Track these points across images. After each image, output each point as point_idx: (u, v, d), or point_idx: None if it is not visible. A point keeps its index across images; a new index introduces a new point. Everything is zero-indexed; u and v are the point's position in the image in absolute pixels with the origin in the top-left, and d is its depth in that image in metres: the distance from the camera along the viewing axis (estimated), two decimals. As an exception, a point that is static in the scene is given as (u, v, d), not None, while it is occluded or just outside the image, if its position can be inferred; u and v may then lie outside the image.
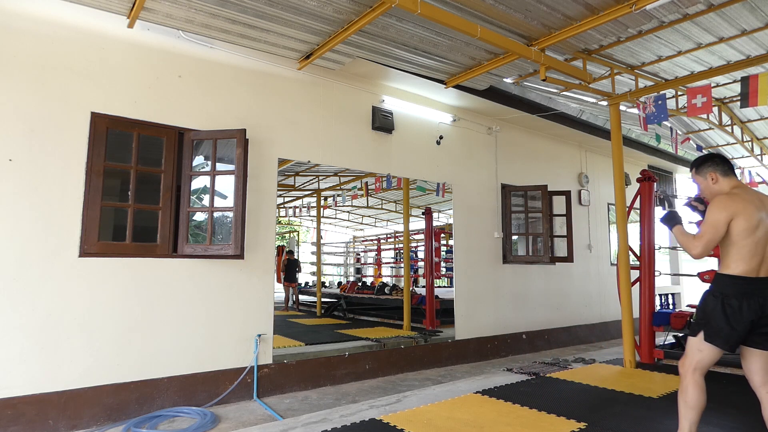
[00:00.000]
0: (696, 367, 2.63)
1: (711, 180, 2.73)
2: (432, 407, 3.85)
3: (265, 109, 4.89)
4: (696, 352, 2.63)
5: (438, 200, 8.10)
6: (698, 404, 2.60)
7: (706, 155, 2.82)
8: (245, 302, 4.56)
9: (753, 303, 2.49)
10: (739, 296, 2.52)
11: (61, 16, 3.87)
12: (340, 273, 16.56)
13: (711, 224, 2.55)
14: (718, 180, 2.71)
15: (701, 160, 2.79)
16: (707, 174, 2.74)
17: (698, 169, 2.79)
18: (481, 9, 4.07)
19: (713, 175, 2.72)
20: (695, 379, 2.63)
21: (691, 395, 2.61)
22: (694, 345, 2.65)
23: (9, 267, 3.50)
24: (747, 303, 2.50)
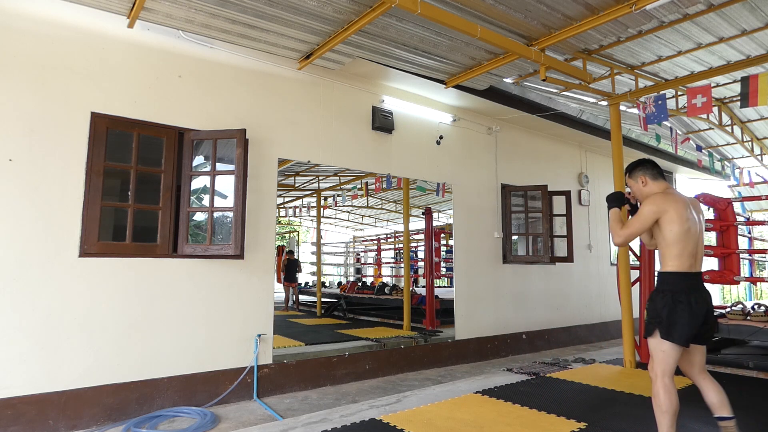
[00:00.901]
0: (665, 371, 2.66)
1: (641, 183, 2.89)
2: (432, 407, 3.85)
3: (265, 109, 4.89)
4: (660, 354, 2.67)
5: (438, 200, 8.10)
6: (671, 408, 2.62)
7: (638, 160, 2.97)
8: (245, 302, 4.56)
9: (700, 296, 2.63)
10: (686, 291, 2.63)
11: (61, 16, 3.87)
12: (340, 273, 16.56)
13: (639, 218, 2.72)
14: (647, 183, 2.86)
15: (634, 165, 2.95)
16: (638, 177, 2.90)
17: (631, 174, 2.95)
18: (481, 9, 4.07)
19: (643, 178, 2.88)
20: (665, 383, 2.66)
21: (663, 400, 2.64)
22: (655, 347, 2.70)
23: (9, 267, 3.50)
24: (694, 297, 2.61)
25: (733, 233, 5.75)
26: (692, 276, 2.68)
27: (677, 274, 2.68)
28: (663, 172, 2.91)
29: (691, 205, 2.76)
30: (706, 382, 2.74)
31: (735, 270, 5.70)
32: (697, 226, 2.73)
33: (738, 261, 5.74)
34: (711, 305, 2.70)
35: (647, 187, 2.86)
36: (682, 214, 2.66)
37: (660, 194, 2.75)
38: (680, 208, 2.67)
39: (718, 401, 2.68)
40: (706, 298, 2.67)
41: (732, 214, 5.79)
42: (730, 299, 13.86)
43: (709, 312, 2.66)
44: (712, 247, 5.87)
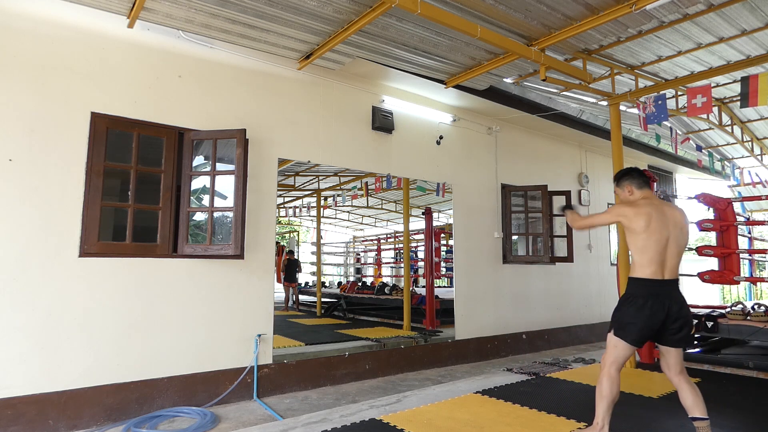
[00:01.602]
0: (613, 362, 2.89)
1: (628, 192, 3.05)
2: (432, 407, 3.85)
3: (265, 109, 4.89)
4: (612, 348, 2.90)
5: (438, 200, 8.10)
6: (610, 395, 2.86)
7: (625, 170, 3.12)
8: (245, 302, 4.56)
9: (658, 303, 2.76)
10: (645, 296, 2.79)
11: (61, 16, 3.87)
12: (340, 273, 16.55)
13: (604, 214, 2.97)
14: (633, 192, 3.03)
15: (621, 174, 3.11)
16: (625, 186, 3.07)
17: (619, 182, 3.12)
18: (481, 9, 4.07)
19: (629, 187, 3.04)
20: (610, 372, 2.89)
21: (605, 386, 2.88)
22: (610, 341, 2.94)
23: (9, 267, 3.50)
24: (652, 302, 2.77)
25: (733, 233, 5.74)
26: (656, 283, 2.81)
27: (641, 280, 2.84)
28: (648, 181, 3.05)
29: (668, 215, 2.87)
30: (682, 384, 2.86)
31: (735, 270, 5.69)
32: (669, 236, 2.84)
33: (738, 261, 5.74)
34: (679, 311, 2.80)
35: (633, 196, 3.02)
36: (650, 224, 2.80)
37: (632, 203, 2.92)
38: (644, 217, 2.81)
39: (691, 403, 2.81)
40: (670, 304, 2.77)
41: (732, 214, 5.79)
42: (730, 299, 13.86)
43: (669, 319, 2.77)
44: (712, 247, 5.87)
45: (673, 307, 2.78)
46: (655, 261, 2.81)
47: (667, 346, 2.87)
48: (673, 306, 2.78)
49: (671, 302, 2.79)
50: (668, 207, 2.95)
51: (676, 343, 2.84)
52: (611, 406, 2.88)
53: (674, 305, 2.79)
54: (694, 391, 2.83)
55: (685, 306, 2.85)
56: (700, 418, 2.78)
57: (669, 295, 2.81)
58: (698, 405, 2.79)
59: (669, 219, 2.87)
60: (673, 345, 2.85)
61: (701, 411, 2.78)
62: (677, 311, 2.79)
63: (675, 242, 2.86)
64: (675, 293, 2.83)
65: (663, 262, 2.83)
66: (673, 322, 2.79)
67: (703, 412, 2.78)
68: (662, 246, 2.82)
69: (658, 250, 2.81)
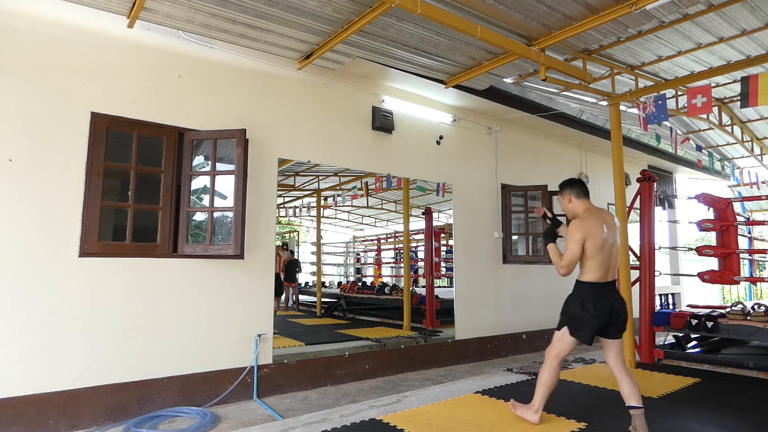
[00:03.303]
0: (557, 356, 3.25)
1: (567, 200, 3.36)
2: (432, 407, 3.85)
3: (265, 109, 4.89)
4: (559, 342, 3.25)
5: (438, 200, 8.09)
6: (550, 383, 3.25)
7: (568, 180, 3.40)
8: (245, 302, 4.56)
9: (604, 303, 3.10)
10: (593, 299, 3.11)
11: (61, 16, 3.87)
12: (340, 273, 16.55)
13: (570, 246, 3.15)
14: (571, 200, 3.33)
15: (564, 183, 3.41)
16: (565, 195, 3.37)
17: (561, 191, 3.41)
18: (481, 9, 4.07)
19: (569, 196, 3.35)
20: (554, 364, 3.25)
21: (546, 376, 3.26)
22: (558, 336, 3.27)
23: (9, 267, 3.50)
24: (599, 303, 3.09)
25: (733, 233, 5.75)
26: (602, 285, 3.14)
27: (588, 284, 3.16)
28: (588, 192, 3.36)
29: (605, 221, 3.18)
30: (620, 375, 3.15)
31: (735, 270, 5.70)
32: (610, 241, 3.15)
33: (738, 261, 5.75)
34: (620, 308, 3.14)
35: (571, 204, 3.34)
36: (599, 234, 3.10)
37: (579, 221, 3.19)
38: (599, 231, 3.11)
39: (627, 392, 3.09)
40: (613, 303, 3.12)
41: (732, 214, 5.79)
42: (730, 299, 13.86)
43: (614, 314, 3.11)
44: (712, 247, 5.87)
45: (615, 304, 3.13)
46: (603, 266, 3.13)
47: (609, 338, 3.20)
48: (615, 303, 3.13)
49: (614, 300, 3.14)
50: (606, 214, 3.25)
51: (615, 335, 3.18)
52: (549, 393, 3.28)
53: (616, 302, 3.14)
54: (631, 382, 3.11)
55: (623, 301, 3.19)
56: (635, 407, 3.05)
57: (613, 295, 3.16)
58: (634, 394, 3.07)
59: (610, 226, 3.18)
60: (613, 337, 3.19)
61: (636, 400, 3.06)
62: (619, 307, 3.14)
63: (615, 247, 3.20)
64: (615, 292, 3.20)
65: (608, 266, 3.15)
66: (616, 317, 3.13)
67: (638, 402, 3.05)
68: (608, 251, 3.14)
69: (606, 256, 3.13)
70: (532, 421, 3.33)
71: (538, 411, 3.30)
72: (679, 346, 5.98)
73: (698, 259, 6.57)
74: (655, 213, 6.00)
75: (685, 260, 10.96)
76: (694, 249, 6.27)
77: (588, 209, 3.27)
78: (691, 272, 6.33)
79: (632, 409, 3.05)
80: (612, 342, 3.20)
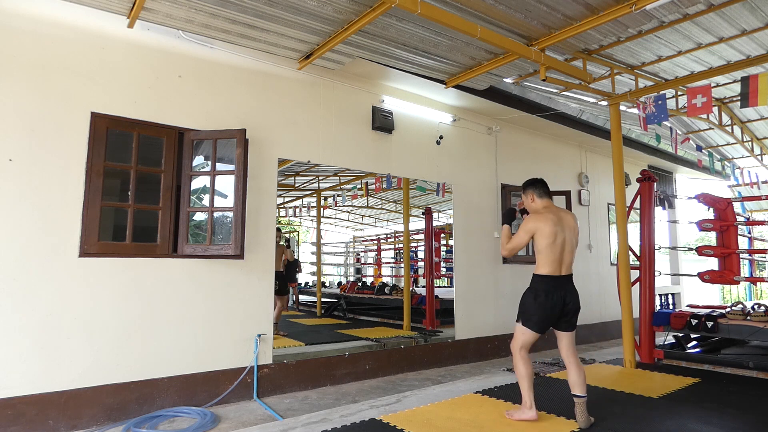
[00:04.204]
0: (521, 346, 3.42)
1: (530, 199, 3.54)
2: (432, 407, 3.85)
3: (265, 109, 4.89)
4: (521, 335, 3.42)
5: (438, 200, 8.08)
6: (526, 373, 3.39)
7: (531, 180, 3.58)
8: (245, 302, 4.56)
9: (556, 296, 3.29)
10: (545, 291, 3.31)
11: (61, 16, 3.87)
12: (340, 273, 16.54)
13: (519, 234, 3.39)
14: (534, 200, 3.51)
15: (526, 183, 3.58)
16: (528, 194, 3.55)
17: (524, 190, 3.59)
18: (481, 9, 4.07)
19: (532, 195, 3.53)
20: (522, 355, 3.42)
21: (521, 368, 3.41)
22: (518, 329, 3.44)
23: (9, 267, 3.50)
24: (552, 296, 3.29)
25: (733, 233, 5.74)
26: (555, 279, 3.32)
27: (542, 277, 3.34)
28: (549, 192, 3.55)
29: (564, 219, 3.38)
30: (570, 364, 3.39)
31: (735, 270, 5.70)
32: (565, 238, 3.34)
33: (738, 261, 5.74)
34: (572, 302, 3.34)
35: (534, 203, 3.51)
36: (551, 230, 3.29)
37: (533, 215, 3.43)
38: (550, 225, 3.30)
39: (573, 380, 3.32)
40: (565, 296, 3.31)
41: (732, 214, 5.79)
42: (730, 299, 13.86)
43: (566, 307, 3.32)
44: (712, 247, 5.87)
45: (567, 297, 3.31)
46: (556, 260, 3.32)
47: (561, 331, 3.42)
48: (567, 297, 3.31)
49: (566, 294, 3.32)
50: (564, 213, 3.45)
51: (567, 328, 3.40)
52: (531, 381, 3.40)
53: (569, 296, 3.32)
54: (579, 372, 3.33)
55: (577, 296, 3.38)
56: (578, 396, 3.30)
57: (564, 288, 3.32)
58: (580, 384, 3.29)
59: (565, 224, 3.37)
60: (566, 330, 3.41)
61: (581, 390, 3.30)
62: (571, 301, 3.33)
63: (569, 243, 3.37)
64: (569, 286, 3.36)
65: (561, 261, 3.34)
66: (568, 310, 3.33)
67: (582, 391, 3.29)
68: (561, 247, 3.32)
69: (557, 250, 3.31)
70: (531, 417, 3.40)
71: (532, 406, 3.41)
72: (679, 346, 5.98)
73: (698, 259, 6.57)
74: (655, 213, 6.00)
75: (685, 260, 10.96)
76: (694, 249, 6.27)
77: (546, 206, 3.47)
78: (691, 272, 6.33)
79: (576, 398, 3.30)
80: (564, 334, 3.43)
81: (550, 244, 3.29)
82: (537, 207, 3.50)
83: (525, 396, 3.41)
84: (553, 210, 3.43)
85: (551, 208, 3.46)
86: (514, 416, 3.49)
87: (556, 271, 3.33)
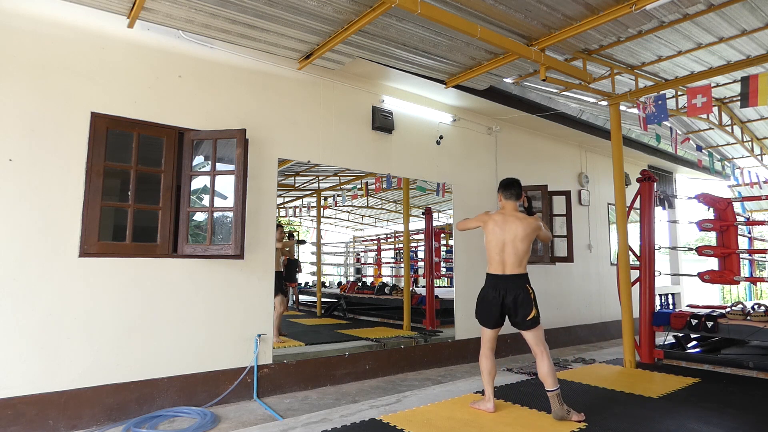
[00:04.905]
0: (482, 343, 3.71)
1: (498, 199, 3.83)
2: (432, 407, 3.85)
3: (265, 109, 4.89)
4: (481, 331, 3.72)
5: (438, 200, 8.08)
6: (485, 368, 3.67)
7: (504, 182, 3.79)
8: (245, 302, 4.56)
9: (494, 293, 3.56)
10: (487, 288, 3.63)
11: (61, 16, 3.87)
12: (340, 273, 16.54)
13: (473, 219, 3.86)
14: (501, 200, 3.80)
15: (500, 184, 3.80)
16: (499, 194, 3.83)
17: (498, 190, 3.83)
18: (481, 9, 4.07)
19: (500, 196, 3.81)
20: (483, 351, 3.70)
21: (480, 362, 3.71)
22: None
23: (9, 267, 3.50)
24: (490, 292, 3.59)
25: (733, 233, 5.74)
26: (496, 277, 3.59)
27: (487, 275, 3.67)
28: (517, 194, 3.76)
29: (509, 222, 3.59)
30: (538, 359, 3.52)
31: (735, 270, 5.70)
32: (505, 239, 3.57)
33: (738, 261, 5.74)
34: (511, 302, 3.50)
35: (501, 203, 3.80)
36: (491, 228, 3.63)
37: (486, 213, 3.78)
38: (491, 225, 3.63)
39: (542, 374, 3.46)
40: (505, 295, 3.52)
41: (732, 214, 5.79)
42: (730, 299, 13.86)
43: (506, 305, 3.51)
44: (712, 247, 5.87)
45: (506, 297, 3.51)
46: (498, 261, 3.58)
47: (516, 329, 3.58)
48: (506, 296, 3.51)
49: (506, 293, 3.52)
50: (513, 218, 3.63)
51: (518, 326, 3.54)
52: (491, 377, 3.66)
53: (508, 295, 3.51)
54: (547, 366, 3.44)
55: (519, 295, 3.50)
56: (548, 390, 3.43)
57: (504, 287, 3.53)
58: (548, 377, 3.42)
59: (508, 227, 3.58)
60: (518, 327, 3.56)
61: (551, 384, 3.42)
62: (510, 301, 3.51)
63: (511, 245, 3.56)
64: (511, 285, 3.53)
65: (502, 261, 3.57)
66: (508, 309, 3.52)
67: (551, 385, 3.42)
68: (499, 247, 3.58)
69: (496, 250, 3.59)
70: (487, 409, 3.64)
71: (490, 398, 3.66)
72: (679, 346, 5.98)
73: (698, 259, 6.57)
74: (655, 213, 6.00)
75: (685, 260, 10.96)
76: (694, 249, 6.27)
77: (502, 209, 3.75)
78: (691, 272, 6.32)
79: (547, 391, 3.44)
80: (522, 333, 3.57)
81: (489, 242, 3.64)
82: (501, 206, 3.78)
83: (488, 391, 3.67)
84: (506, 212, 3.69)
85: (505, 211, 3.71)
86: (474, 405, 3.76)
87: (498, 270, 3.59)
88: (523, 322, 3.49)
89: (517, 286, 3.53)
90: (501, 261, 3.58)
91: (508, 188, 3.74)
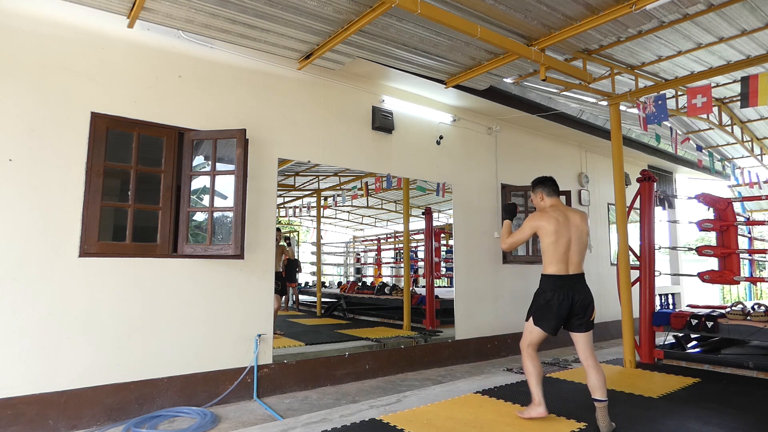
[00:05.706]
0: (530, 345, 3.46)
1: (539, 198, 3.54)
2: (432, 407, 3.85)
3: (265, 109, 4.89)
4: (528, 333, 3.45)
5: (438, 200, 8.09)
6: (534, 371, 3.43)
7: (540, 178, 3.57)
8: (245, 302, 4.56)
9: (563, 295, 3.27)
10: (552, 290, 3.31)
11: (61, 16, 3.87)
12: (340, 273, 16.54)
13: (521, 231, 3.44)
14: (544, 198, 3.52)
15: (536, 182, 3.58)
16: (537, 193, 3.56)
17: (533, 189, 3.59)
18: (481, 9, 4.07)
19: (541, 194, 3.53)
20: (529, 353, 3.46)
21: (528, 366, 3.45)
22: (527, 327, 3.47)
23: (9, 267, 3.50)
24: (558, 294, 3.28)
25: (733, 233, 5.75)
26: (561, 278, 3.31)
27: (549, 276, 3.35)
28: (558, 190, 3.55)
29: (570, 218, 3.36)
30: (588, 368, 3.30)
31: (735, 270, 5.70)
32: (570, 237, 3.33)
33: (738, 261, 5.74)
34: (582, 302, 3.29)
35: (543, 202, 3.52)
36: (554, 228, 3.30)
37: (538, 213, 3.45)
38: (553, 224, 3.31)
39: (592, 385, 3.23)
40: (574, 296, 3.27)
41: (732, 214, 5.79)
42: (730, 299, 13.86)
43: (574, 307, 3.27)
44: (712, 247, 5.87)
45: (576, 297, 3.28)
46: (562, 260, 3.31)
47: (574, 332, 3.35)
48: (576, 296, 3.28)
49: (575, 293, 3.28)
50: (572, 212, 3.42)
51: (580, 328, 3.33)
52: (539, 379, 3.42)
53: (577, 295, 3.28)
54: (598, 376, 3.23)
55: (588, 295, 3.33)
56: (599, 400, 3.19)
57: (573, 287, 3.29)
58: (600, 387, 3.20)
59: (571, 223, 3.35)
60: (579, 330, 3.33)
61: (601, 394, 3.19)
62: (580, 300, 3.28)
63: (576, 243, 3.34)
64: (579, 285, 3.32)
65: (567, 261, 3.33)
66: (577, 310, 3.28)
67: (602, 395, 3.19)
68: (566, 246, 3.32)
69: (561, 249, 3.31)
70: (539, 414, 3.40)
71: (541, 402, 3.40)
72: (679, 346, 5.98)
73: (698, 259, 6.57)
74: (655, 213, 6.00)
75: (685, 260, 10.96)
76: (694, 249, 6.27)
77: (554, 205, 3.47)
78: (691, 272, 6.33)
79: (597, 402, 3.21)
80: (578, 335, 3.35)
81: (553, 243, 3.30)
82: (545, 205, 3.50)
83: (534, 393, 3.42)
84: (560, 209, 3.42)
85: (558, 206, 3.45)
86: (524, 414, 3.49)
87: (563, 270, 3.32)
88: (588, 322, 3.33)
89: (583, 285, 3.36)
90: (565, 260, 3.32)
91: (547, 184, 3.51)
